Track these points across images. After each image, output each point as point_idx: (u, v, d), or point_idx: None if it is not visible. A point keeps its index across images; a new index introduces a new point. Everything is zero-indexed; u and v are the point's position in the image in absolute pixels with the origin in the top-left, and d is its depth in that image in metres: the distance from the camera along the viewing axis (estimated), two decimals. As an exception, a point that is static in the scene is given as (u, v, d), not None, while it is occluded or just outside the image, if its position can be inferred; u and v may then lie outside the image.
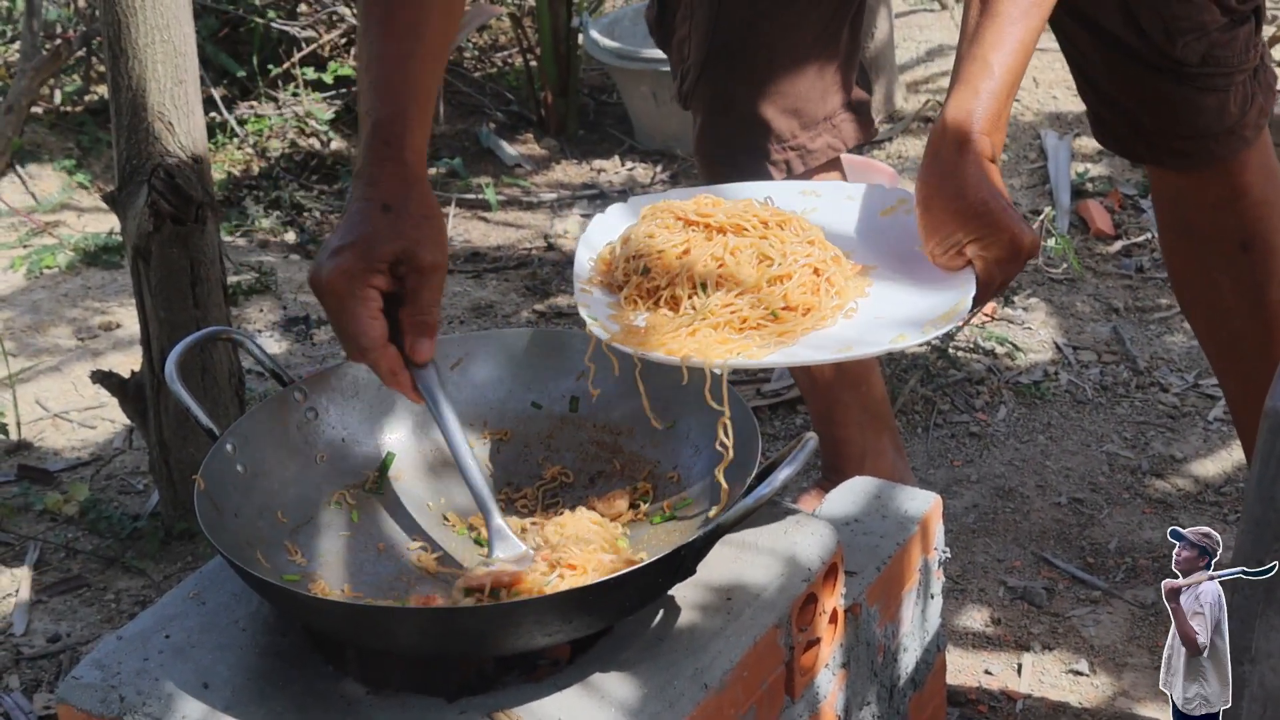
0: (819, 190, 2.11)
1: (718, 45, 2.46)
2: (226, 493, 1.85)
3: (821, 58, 2.48)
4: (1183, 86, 2.36)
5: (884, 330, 1.85)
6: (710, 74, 2.49)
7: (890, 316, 1.88)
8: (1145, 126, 2.43)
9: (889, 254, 1.99)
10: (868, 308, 1.90)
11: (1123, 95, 2.42)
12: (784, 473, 1.69)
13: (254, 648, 1.79)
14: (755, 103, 2.48)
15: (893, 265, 1.97)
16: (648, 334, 1.84)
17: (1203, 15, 2.31)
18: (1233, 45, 2.34)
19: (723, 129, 2.52)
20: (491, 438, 2.08)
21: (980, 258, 1.88)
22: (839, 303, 1.88)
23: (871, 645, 2.02)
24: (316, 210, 4.64)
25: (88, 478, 3.27)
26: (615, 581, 1.67)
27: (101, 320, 3.93)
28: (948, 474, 3.17)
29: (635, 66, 4.82)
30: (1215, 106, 2.37)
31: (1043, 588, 2.81)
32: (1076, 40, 2.41)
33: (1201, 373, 3.46)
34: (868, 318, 1.88)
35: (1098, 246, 4.05)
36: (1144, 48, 2.33)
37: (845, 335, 1.85)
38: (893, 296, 1.92)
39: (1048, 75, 4.94)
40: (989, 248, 1.87)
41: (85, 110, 5.08)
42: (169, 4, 2.64)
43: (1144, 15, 2.30)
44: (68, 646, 2.78)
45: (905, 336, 1.82)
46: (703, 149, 2.57)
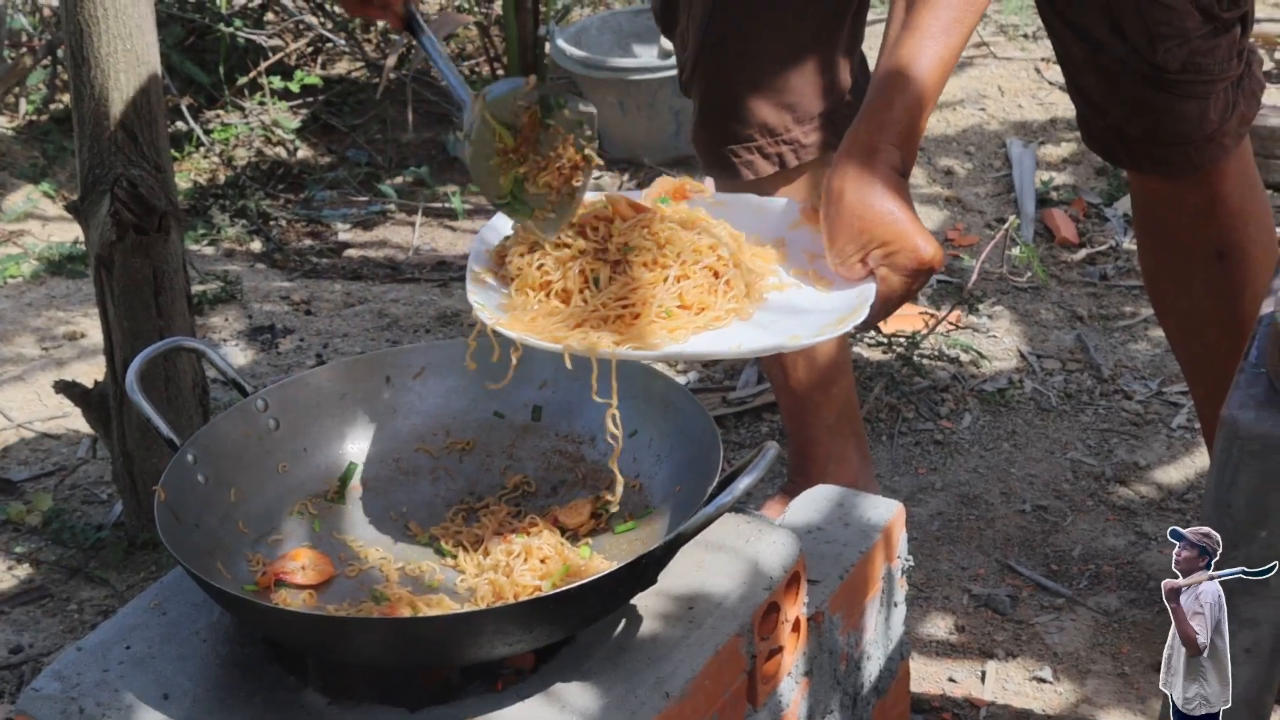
0: (726, 201, 2.10)
1: (713, 37, 2.47)
2: (187, 503, 1.85)
3: (819, 54, 2.48)
4: (1163, 93, 2.36)
5: (778, 331, 1.84)
6: (705, 66, 2.50)
7: (784, 322, 1.87)
8: (1126, 132, 2.43)
9: (793, 264, 1.99)
10: (764, 311, 1.90)
11: (1105, 100, 2.43)
12: (745, 481, 1.69)
13: (215, 658, 1.79)
14: (748, 96, 2.49)
15: (795, 275, 1.97)
16: (535, 322, 1.83)
17: (1184, 21, 2.31)
18: (1215, 53, 2.34)
19: (717, 121, 2.53)
20: (454, 447, 2.08)
21: (881, 267, 1.89)
22: (734, 306, 1.87)
23: (834, 653, 2.02)
24: (283, 219, 4.63)
25: (51, 488, 3.25)
26: (577, 591, 1.67)
27: (66, 330, 3.92)
28: (913, 481, 3.17)
29: (602, 75, 4.82)
30: (1195, 114, 2.37)
31: (1007, 595, 2.82)
32: (1065, 43, 2.42)
33: (1165, 380, 3.47)
34: (764, 319, 1.88)
35: (1062, 254, 4.06)
36: (1126, 52, 2.34)
37: (738, 334, 1.85)
38: (791, 302, 1.92)
39: (1013, 84, 4.96)
40: (890, 258, 1.88)
41: (50, 119, 5.06)
42: (132, 13, 2.63)
43: (1126, 20, 2.31)
44: (30, 658, 2.76)
45: (800, 336, 1.82)
46: (699, 140, 2.59)
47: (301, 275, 4.30)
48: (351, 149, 5.05)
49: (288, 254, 4.45)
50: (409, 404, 2.09)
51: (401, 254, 4.46)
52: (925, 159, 4.61)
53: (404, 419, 2.08)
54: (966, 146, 4.67)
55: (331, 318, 3.97)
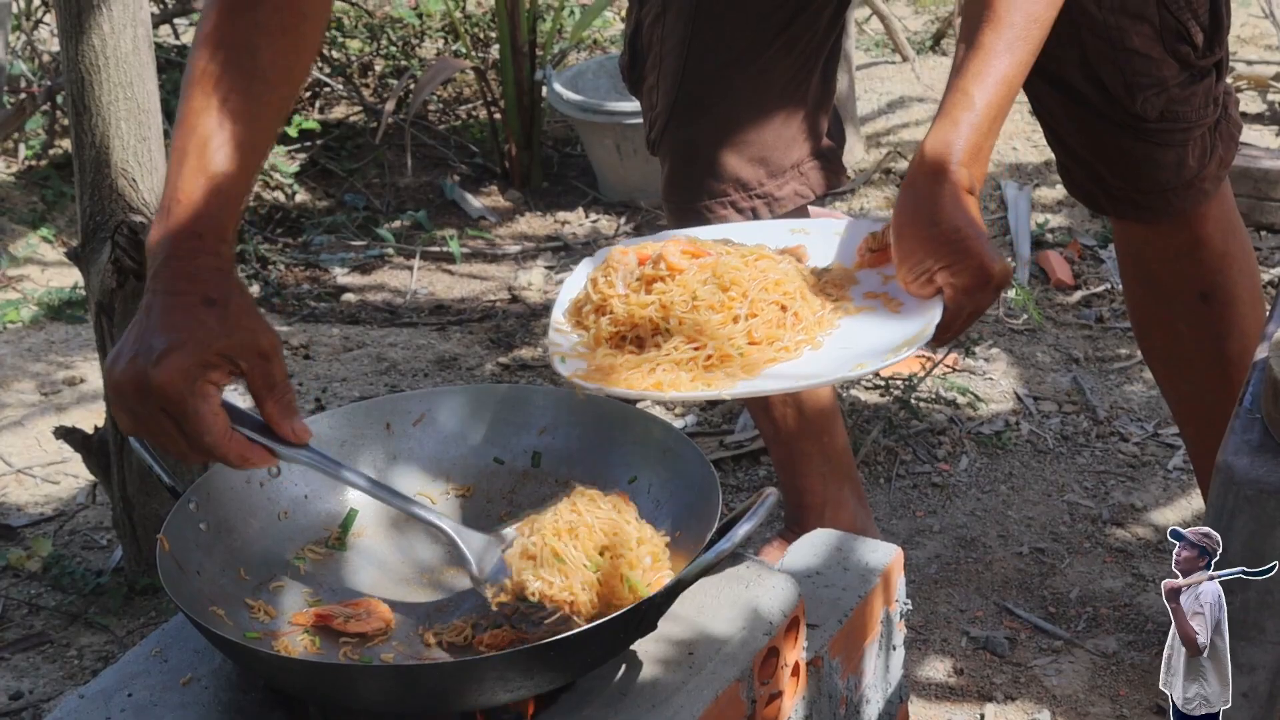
0: (808, 228, 2.14)
1: (685, 94, 2.48)
2: (189, 550, 1.85)
3: (789, 106, 2.50)
4: (1140, 142, 2.38)
5: (846, 361, 1.86)
6: (677, 122, 2.51)
7: (854, 348, 1.89)
8: (1106, 180, 2.45)
9: (866, 286, 2.01)
10: (834, 340, 1.92)
11: (1084, 149, 2.45)
12: (744, 528, 1.70)
13: (216, 705, 1.79)
14: (721, 151, 2.49)
15: (867, 298, 1.99)
16: (610, 371, 1.85)
17: (1162, 70, 2.33)
18: (1191, 100, 2.36)
19: (689, 177, 2.54)
20: (454, 493, 2.08)
21: (950, 285, 1.89)
22: (804, 338, 1.89)
23: (834, 698, 2.03)
24: (281, 263, 4.65)
25: (51, 533, 3.26)
26: (577, 637, 1.68)
27: (65, 375, 3.93)
28: (910, 524, 3.18)
29: (598, 119, 4.85)
30: (1174, 161, 2.39)
31: (1005, 638, 2.83)
32: (1040, 95, 2.43)
33: (1161, 422, 3.48)
34: (833, 349, 1.90)
35: (1058, 297, 4.08)
36: (1103, 103, 2.36)
37: (807, 368, 1.87)
38: (860, 328, 1.93)
39: (1008, 126, 4.98)
40: (958, 275, 1.88)
41: (50, 164, 5.08)
42: (133, 61, 2.65)
43: (1104, 70, 2.33)
44: (30, 704, 2.76)
45: (865, 364, 1.84)
46: (670, 196, 2.59)
47: (300, 319, 4.31)
48: (349, 193, 5.07)
49: (286, 298, 4.46)
50: (409, 450, 2.09)
51: (399, 298, 4.47)
52: (921, 202, 4.62)
53: (404, 465, 2.09)
54: (962, 189, 4.69)
55: (330, 362, 3.98)
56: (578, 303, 1.99)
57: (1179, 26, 2.31)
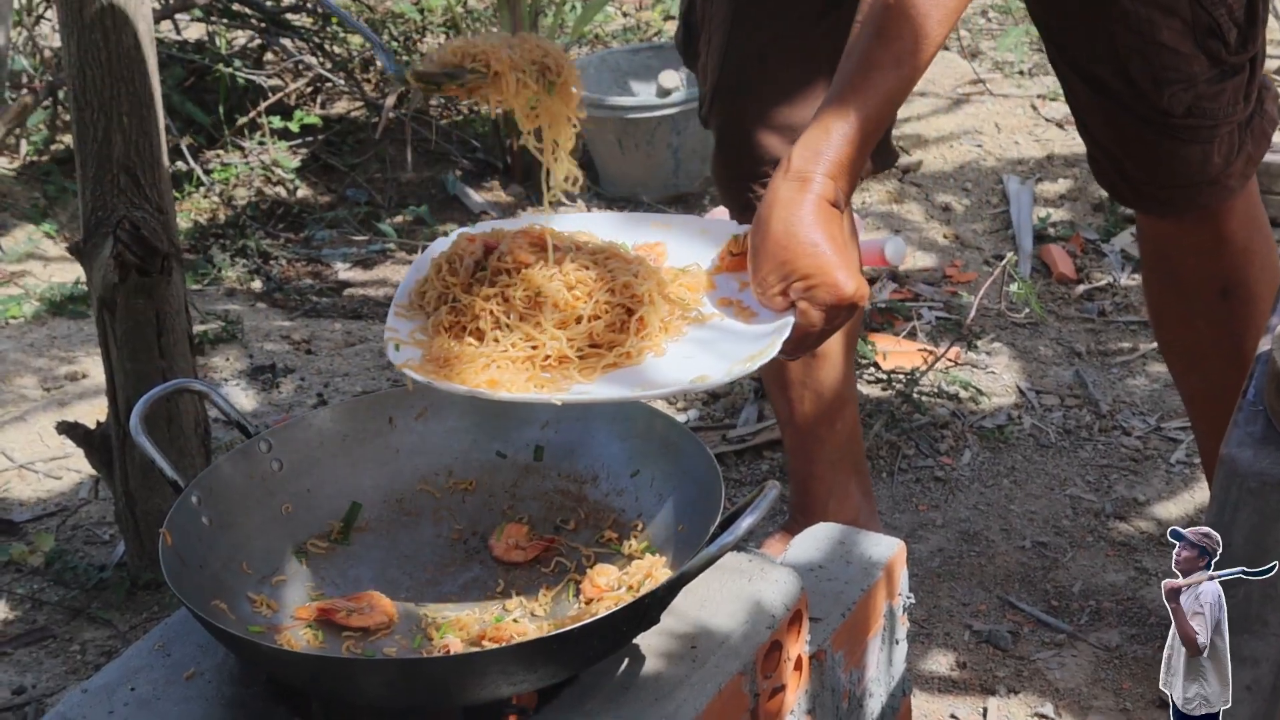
0: (671, 223, 2.10)
1: (728, 73, 2.48)
2: (191, 545, 1.86)
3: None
4: (1166, 137, 2.35)
5: (688, 371, 1.82)
6: (722, 101, 2.51)
7: (699, 358, 1.85)
8: (1130, 173, 2.44)
9: (721, 292, 1.97)
10: (679, 348, 1.87)
11: (1110, 141, 2.43)
12: (747, 521, 1.70)
13: (219, 699, 1.79)
14: (762, 131, 2.48)
15: (721, 304, 1.95)
16: (447, 364, 1.83)
17: (1191, 66, 2.30)
18: (1220, 97, 2.33)
19: (733, 156, 2.54)
20: (457, 487, 2.08)
21: (802, 300, 1.85)
22: (648, 344, 1.85)
23: (836, 691, 2.03)
24: (283, 258, 4.65)
25: (53, 528, 3.26)
26: (580, 631, 1.68)
27: (67, 370, 3.93)
28: (913, 518, 3.18)
29: (600, 114, 4.84)
30: (1199, 157, 2.37)
31: (1008, 631, 2.83)
32: (1072, 86, 2.42)
33: (1163, 416, 3.48)
34: (677, 358, 1.85)
35: (1060, 290, 4.08)
36: (1130, 96, 2.33)
37: (647, 374, 1.82)
38: (709, 337, 1.89)
39: (1010, 121, 4.98)
40: (810, 292, 1.84)
41: (51, 160, 5.08)
42: (134, 55, 2.65)
43: (1133, 63, 2.30)
44: (33, 699, 2.76)
45: (706, 378, 1.80)
46: (718, 175, 2.60)
47: (302, 314, 4.31)
48: (351, 188, 5.07)
49: (288, 293, 4.46)
50: (412, 444, 2.09)
51: (401, 293, 4.46)
52: (923, 195, 4.63)
53: (407, 459, 2.09)
54: (964, 183, 4.69)
55: (332, 357, 3.98)
56: (421, 286, 1.96)
57: (1211, 21, 2.28)
